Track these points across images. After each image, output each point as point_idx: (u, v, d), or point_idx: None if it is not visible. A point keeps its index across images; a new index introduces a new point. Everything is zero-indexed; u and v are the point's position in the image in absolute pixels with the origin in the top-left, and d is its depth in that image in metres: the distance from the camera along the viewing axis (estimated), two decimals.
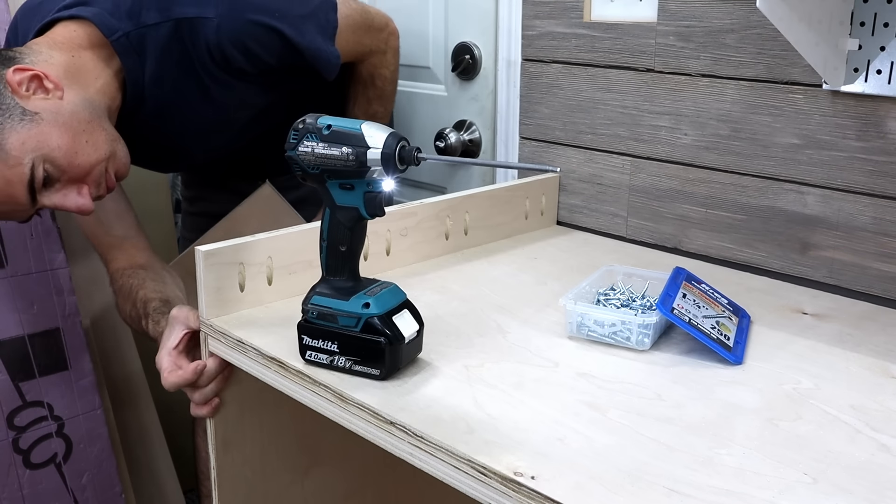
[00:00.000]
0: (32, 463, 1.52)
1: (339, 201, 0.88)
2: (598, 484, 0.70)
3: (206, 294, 1.01)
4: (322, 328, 0.89)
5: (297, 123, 0.88)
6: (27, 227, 1.51)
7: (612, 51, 1.34)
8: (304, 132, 0.87)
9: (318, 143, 0.86)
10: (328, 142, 0.86)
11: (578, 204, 1.44)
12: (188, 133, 1.40)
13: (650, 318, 0.94)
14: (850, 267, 1.14)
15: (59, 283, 1.54)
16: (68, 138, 1.14)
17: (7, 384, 1.49)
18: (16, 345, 1.50)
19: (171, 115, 1.33)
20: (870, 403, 0.84)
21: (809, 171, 1.16)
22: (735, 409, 0.83)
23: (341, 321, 0.88)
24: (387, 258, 1.20)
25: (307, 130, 0.87)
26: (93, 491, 1.60)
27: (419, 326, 0.90)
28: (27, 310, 1.51)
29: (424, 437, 0.77)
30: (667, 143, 1.30)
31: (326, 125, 0.86)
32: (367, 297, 0.88)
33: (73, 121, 1.15)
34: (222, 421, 1.08)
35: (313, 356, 0.90)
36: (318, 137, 0.86)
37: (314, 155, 0.86)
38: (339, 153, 0.85)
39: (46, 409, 1.53)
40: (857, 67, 1.08)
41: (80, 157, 1.15)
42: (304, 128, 0.87)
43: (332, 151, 0.85)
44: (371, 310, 0.87)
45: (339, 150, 0.85)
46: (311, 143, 0.86)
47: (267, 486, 1.16)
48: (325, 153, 0.86)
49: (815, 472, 0.72)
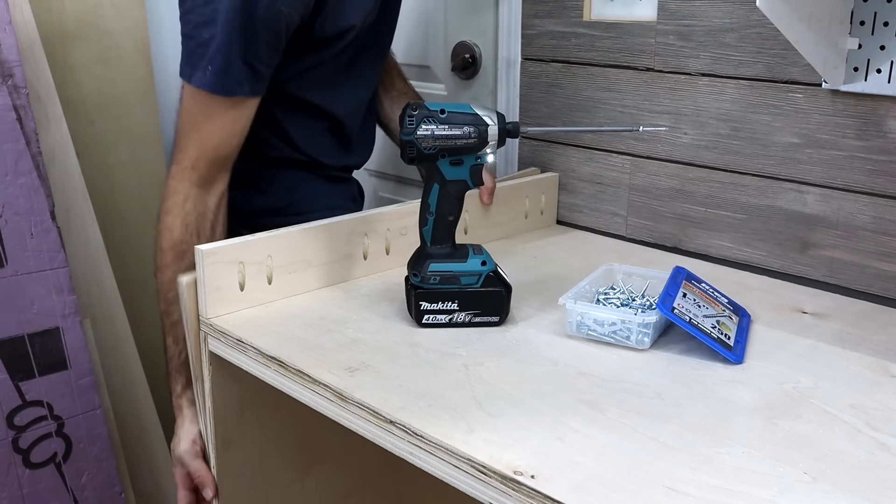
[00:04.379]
0: (32, 462, 1.52)
1: (449, 176, 1.00)
2: (598, 483, 0.70)
3: (207, 293, 1.01)
4: (442, 291, 1.00)
5: (409, 110, 0.97)
6: (27, 227, 1.51)
7: (611, 50, 1.34)
8: (421, 117, 0.97)
9: (437, 126, 0.97)
10: (447, 123, 0.97)
11: (578, 203, 1.44)
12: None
13: (650, 317, 0.94)
14: (849, 266, 1.14)
15: (59, 283, 1.54)
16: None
17: (7, 384, 1.49)
18: (16, 344, 1.50)
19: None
20: (869, 402, 0.84)
21: (809, 171, 1.16)
22: (735, 408, 0.83)
23: (463, 280, 1.00)
24: (387, 257, 1.20)
25: (423, 115, 0.97)
26: (93, 491, 1.60)
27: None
28: (27, 309, 1.51)
29: (424, 436, 0.77)
30: (667, 142, 1.30)
31: (440, 109, 0.97)
32: (480, 257, 1.02)
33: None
34: (222, 421, 1.08)
35: (432, 319, 1.00)
36: (436, 121, 0.97)
37: (433, 137, 0.97)
38: (461, 132, 0.97)
39: (46, 408, 1.53)
40: (857, 66, 1.08)
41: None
42: (419, 113, 0.97)
43: (454, 132, 0.97)
44: (487, 266, 1.02)
45: (461, 130, 0.97)
46: (429, 126, 0.97)
47: (267, 485, 1.16)
48: (446, 134, 0.97)
49: (814, 471, 0.72)
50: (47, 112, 1.64)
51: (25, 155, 1.52)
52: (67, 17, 1.81)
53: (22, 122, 1.52)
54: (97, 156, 1.88)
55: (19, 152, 1.51)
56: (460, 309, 1.00)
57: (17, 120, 1.51)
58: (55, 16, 1.79)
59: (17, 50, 1.51)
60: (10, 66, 1.50)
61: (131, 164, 1.96)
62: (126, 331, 1.77)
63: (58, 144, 1.66)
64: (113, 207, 1.92)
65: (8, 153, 1.49)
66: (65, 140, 1.67)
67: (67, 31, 1.81)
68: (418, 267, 1.01)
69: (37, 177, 1.53)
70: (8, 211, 1.49)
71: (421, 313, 1.00)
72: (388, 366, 0.91)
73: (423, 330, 1.00)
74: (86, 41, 1.84)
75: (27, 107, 1.52)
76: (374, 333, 0.99)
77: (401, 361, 0.92)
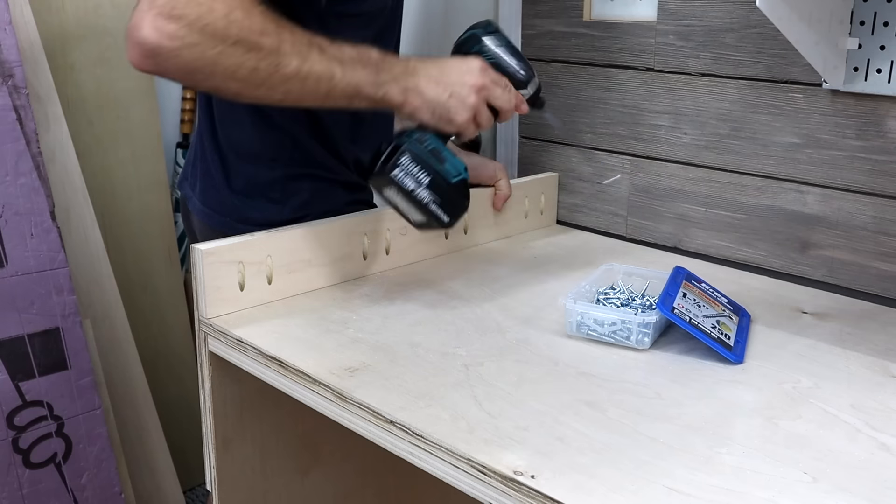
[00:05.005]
0: (32, 462, 1.52)
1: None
2: (598, 483, 0.70)
3: (206, 293, 1.01)
4: (427, 160, 1.01)
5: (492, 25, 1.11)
6: (27, 227, 1.51)
7: (611, 50, 1.34)
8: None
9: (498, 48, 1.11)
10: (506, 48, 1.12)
11: (578, 203, 1.44)
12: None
13: (650, 317, 0.94)
14: (849, 266, 1.14)
15: (59, 283, 1.54)
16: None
17: (7, 384, 1.49)
18: (16, 344, 1.50)
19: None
20: (869, 402, 0.84)
21: (809, 171, 1.16)
22: (735, 408, 0.83)
23: (446, 166, 1.02)
24: (386, 257, 1.20)
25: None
26: (93, 491, 1.60)
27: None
28: (27, 309, 1.51)
29: (424, 436, 0.77)
30: (666, 142, 1.30)
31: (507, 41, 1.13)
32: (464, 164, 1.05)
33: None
34: (222, 420, 1.08)
35: (400, 176, 1.01)
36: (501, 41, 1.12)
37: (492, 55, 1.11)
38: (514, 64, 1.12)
39: (46, 408, 1.53)
40: (857, 66, 1.08)
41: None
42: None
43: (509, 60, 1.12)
44: (465, 175, 1.04)
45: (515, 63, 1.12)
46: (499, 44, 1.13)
47: (267, 485, 1.16)
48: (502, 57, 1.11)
49: (814, 472, 0.72)
50: (47, 112, 1.64)
51: (25, 155, 1.52)
52: (67, 17, 1.81)
53: (22, 122, 1.52)
54: (97, 156, 1.88)
55: (19, 152, 1.51)
56: (429, 187, 1.01)
57: (17, 120, 1.51)
58: (55, 16, 1.79)
59: (17, 50, 1.51)
60: (10, 66, 1.50)
61: (131, 164, 1.96)
62: (126, 331, 1.77)
63: (58, 144, 1.66)
64: (113, 207, 1.92)
65: (8, 153, 1.50)
66: (65, 140, 1.67)
67: (67, 31, 1.81)
68: (420, 131, 1.03)
69: (37, 177, 1.53)
70: (8, 211, 1.49)
71: (395, 165, 1.00)
72: (388, 366, 0.91)
73: (422, 330, 1.00)
74: (86, 41, 1.84)
75: (27, 107, 1.52)
76: (374, 333, 0.99)
77: (401, 361, 0.92)
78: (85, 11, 1.83)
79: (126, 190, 1.95)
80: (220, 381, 1.06)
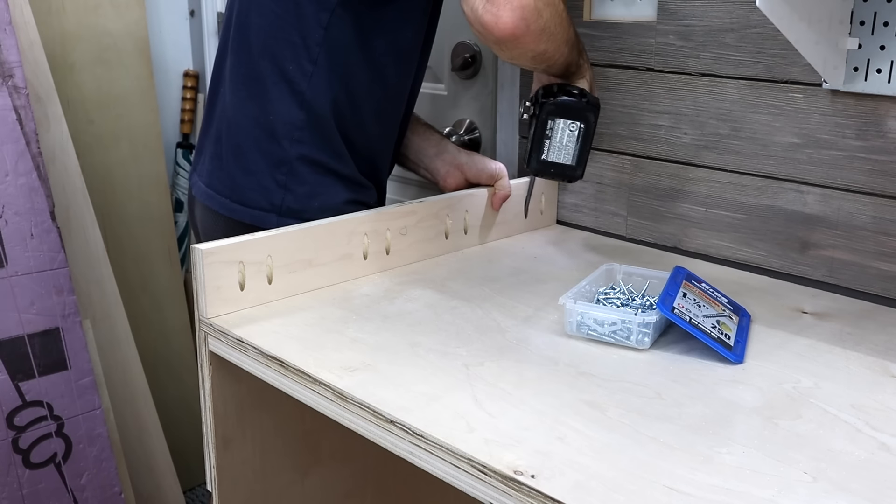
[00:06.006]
0: (32, 463, 1.53)
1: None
2: (598, 483, 0.70)
3: (206, 293, 1.01)
4: (586, 114, 1.15)
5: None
6: (27, 227, 1.51)
7: (611, 50, 1.34)
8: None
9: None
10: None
11: (578, 203, 1.44)
12: None
13: (650, 317, 0.94)
14: (849, 266, 1.14)
15: (59, 283, 1.54)
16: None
17: (7, 384, 1.49)
18: (16, 344, 1.50)
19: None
20: (870, 402, 0.84)
21: (809, 171, 1.16)
22: (735, 408, 0.83)
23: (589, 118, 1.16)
24: (386, 257, 1.20)
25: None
26: (92, 491, 1.60)
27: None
28: (27, 309, 1.51)
29: (424, 435, 0.77)
30: (666, 142, 1.30)
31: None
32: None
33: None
34: (222, 420, 1.08)
35: (552, 118, 1.15)
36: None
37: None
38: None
39: (46, 408, 1.54)
40: (857, 66, 1.08)
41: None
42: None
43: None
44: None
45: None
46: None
47: (267, 485, 1.16)
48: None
49: (815, 471, 0.72)
50: (47, 112, 1.65)
51: (25, 155, 1.52)
52: (67, 17, 1.82)
53: (22, 122, 1.52)
54: (97, 156, 1.89)
55: (19, 152, 1.51)
56: (579, 135, 1.15)
57: (17, 120, 1.51)
58: (55, 16, 1.80)
59: (17, 50, 1.51)
60: (10, 67, 1.50)
61: (131, 164, 1.96)
62: (126, 331, 1.77)
63: (58, 144, 1.67)
64: (113, 207, 1.92)
65: (8, 153, 1.50)
66: (65, 140, 1.68)
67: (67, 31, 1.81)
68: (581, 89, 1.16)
69: (37, 177, 1.53)
70: (8, 211, 1.49)
71: (556, 107, 1.13)
72: (388, 366, 0.91)
73: (422, 330, 1.00)
74: (86, 41, 1.84)
75: (27, 107, 1.53)
76: (374, 333, 0.99)
77: (401, 361, 0.92)
78: (85, 11, 1.84)
79: (126, 190, 1.96)
80: (220, 381, 1.06)
